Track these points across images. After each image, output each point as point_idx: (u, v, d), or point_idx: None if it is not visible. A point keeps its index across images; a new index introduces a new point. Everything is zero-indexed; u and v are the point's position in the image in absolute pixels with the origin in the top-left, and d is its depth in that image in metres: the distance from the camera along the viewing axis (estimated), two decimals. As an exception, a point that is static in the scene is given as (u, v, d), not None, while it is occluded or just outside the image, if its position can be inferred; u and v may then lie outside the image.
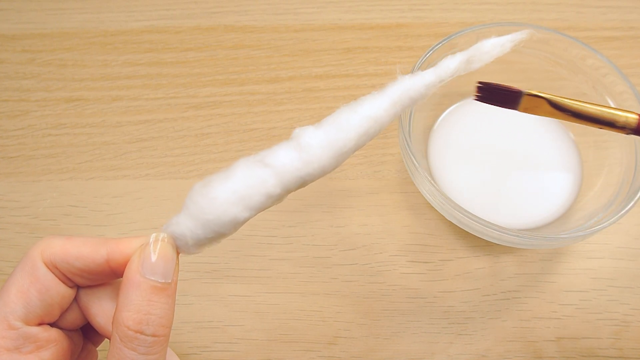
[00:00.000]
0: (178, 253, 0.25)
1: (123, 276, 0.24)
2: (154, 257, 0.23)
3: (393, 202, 0.41)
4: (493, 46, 0.28)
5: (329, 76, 0.48)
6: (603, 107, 0.29)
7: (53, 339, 0.25)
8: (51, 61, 0.49)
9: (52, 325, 0.25)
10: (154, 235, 0.24)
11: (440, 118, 0.43)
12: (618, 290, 0.38)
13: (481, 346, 0.36)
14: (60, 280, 0.25)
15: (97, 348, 0.29)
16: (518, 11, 0.52)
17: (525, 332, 0.37)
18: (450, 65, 0.28)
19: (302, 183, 0.25)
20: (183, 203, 0.25)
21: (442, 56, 0.31)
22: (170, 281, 0.24)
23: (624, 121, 0.28)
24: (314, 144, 0.25)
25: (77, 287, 0.26)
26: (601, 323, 0.37)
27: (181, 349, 0.36)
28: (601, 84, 0.40)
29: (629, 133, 0.28)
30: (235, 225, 0.25)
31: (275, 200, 0.25)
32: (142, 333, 0.23)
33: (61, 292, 0.25)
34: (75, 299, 0.26)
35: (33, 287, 0.24)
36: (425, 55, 0.38)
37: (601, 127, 0.29)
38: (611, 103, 0.40)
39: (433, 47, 0.38)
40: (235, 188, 0.24)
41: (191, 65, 0.49)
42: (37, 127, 0.46)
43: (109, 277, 0.25)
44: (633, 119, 0.28)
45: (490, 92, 0.31)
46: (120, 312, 0.23)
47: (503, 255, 0.39)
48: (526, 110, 0.31)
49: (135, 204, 0.42)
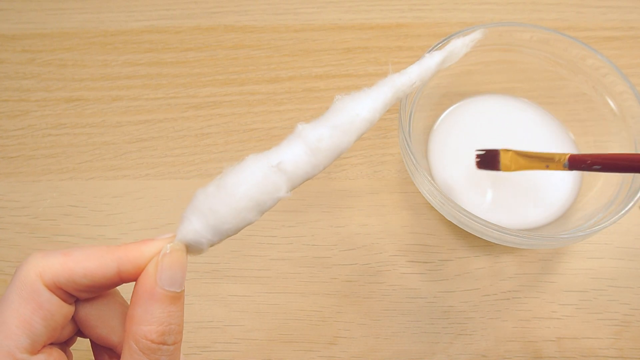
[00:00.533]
0: None
1: (137, 288, 0.23)
2: (171, 268, 0.23)
3: (393, 202, 0.41)
4: (462, 45, 0.30)
5: (329, 76, 0.48)
6: (541, 154, 0.35)
7: None
8: (51, 61, 0.49)
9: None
10: (170, 245, 0.24)
11: (440, 118, 0.43)
12: (618, 290, 0.38)
13: (481, 346, 0.36)
14: (62, 300, 0.24)
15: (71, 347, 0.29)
16: (518, 11, 0.52)
17: (525, 332, 0.37)
18: (431, 64, 0.29)
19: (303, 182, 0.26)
20: (194, 206, 0.24)
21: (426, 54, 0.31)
22: (183, 288, 0.24)
23: (559, 157, 0.33)
24: (323, 148, 0.25)
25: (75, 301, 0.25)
26: (601, 323, 0.37)
27: (181, 349, 0.36)
28: (601, 84, 0.40)
29: (565, 167, 0.33)
30: (244, 227, 0.25)
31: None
32: (165, 344, 0.23)
33: (64, 313, 0.24)
34: None
35: (36, 315, 0.23)
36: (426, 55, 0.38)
37: (548, 167, 0.34)
38: (611, 103, 0.40)
39: (433, 47, 0.38)
40: (252, 195, 0.24)
41: (191, 65, 0.49)
42: (37, 127, 0.46)
43: (115, 286, 0.25)
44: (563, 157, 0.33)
45: (485, 157, 0.36)
46: (139, 326, 0.23)
47: (503, 255, 0.39)
48: (505, 167, 0.36)
49: (135, 204, 0.42)
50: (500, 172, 0.37)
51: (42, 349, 0.23)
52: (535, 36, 0.41)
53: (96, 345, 0.27)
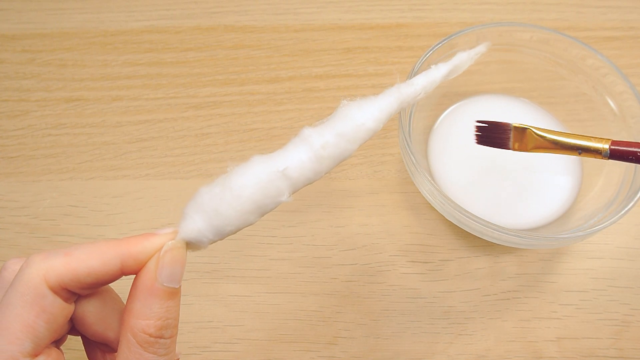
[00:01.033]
0: None
1: (136, 283, 0.24)
2: (172, 265, 0.24)
3: (393, 202, 0.41)
4: (467, 59, 0.31)
5: (329, 76, 0.48)
6: (576, 139, 0.30)
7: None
8: (51, 61, 0.49)
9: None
10: (172, 243, 0.24)
11: (440, 118, 0.43)
12: (618, 290, 0.38)
13: (481, 346, 0.36)
14: (64, 300, 0.24)
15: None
16: (518, 11, 0.52)
17: (525, 332, 0.37)
18: (437, 76, 0.30)
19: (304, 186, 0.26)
20: (198, 204, 0.25)
21: (442, 57, 0.31)
22: (180, 284, 0.24)
23: (595, 148, 0.30)
24: (327, 155, 0.26)
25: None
26: (601, 323, 0.37)
27: (181, 349, 0.36)
28: (601, 84, 0.40)
29: (605, 156, 0.29)
30: (244, 228, 0.25)
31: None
32: (163, 337, 0.23)
33: (65, 314, 0.24)
34: None
35: (40, 319, 0.23)
36: (425, 55, 0.38)
37: (580, 154, 0.30)
38: (611, 103, 0.40)
39: (433, 47, 0.38)
40: (256, 198, 0.25)
41: (191, 65, 0.49)
42: (37, 127, 0.46)
43: (116, 279, 0.25)
44: (603, 147, 0.29)
45: (486, 131, 0.33)
46: (138, 320, 0.23)
47: (503, 255, 0.39)
48: (519, 147, 0.32)
49: (135, 204, 0.42)
50: (500, 172, 0.37)
51: (45, 351, 0.24)
52: (535, 36, 0.41)
53: (89, 342, 0.27)
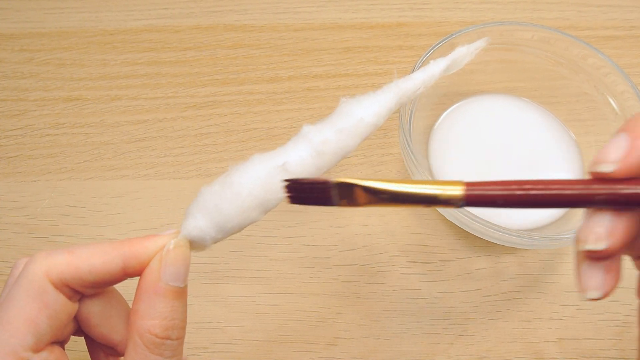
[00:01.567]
0: None
1: (141, 283, 0.24)
2: (175, 264, 0.24)
3: (393, 202, 0.41)
4: (466, 53, 0.31)
5: (329, 76, 0.48)
6: (421, 186, 0.23)
7: (57, 358, 0.24)
8: (49, 60, 0.49)
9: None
10: (174, 241, 0.24)
11: (440, 118, 0.43)
12: (619, 290, 0.38)
13: (482, 347, 0.36)
14: (67, 297, 0.24)
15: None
16: (519, 10, 0.52)
17: (526, 333, 0.37)
18: (435, 71, 0.30)
19: None
20: (199, 203, 0.25)
21: (440, 56, 0.31)
22: (186, 283, 0.24)
23: (447, 196, 0.22)
24: (328, 151, 0.26)
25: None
26: (603, 324, 0.37)
27: (180, 350, 0.36)
28: (602, 84, 0.40)
29: (460, 206, 0.23)
30: (247, 226, 0.25)
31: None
32: (169, 338, 0.23)
33: (68, 311, 0.24)
34: None
35: (42, 314, 0.23)
36: (425, 54, 0.38)
37: (428, 206, 0.23)
38: (612, 103, 0.39)
39: (434, 47, 0.38)
40: (257, 194, 0.24)
41: (190, 64, 0.49)
42: (36, 127, 0.46)
43: (120, 281, 0.25)
44: (456, 194, 0.22)
45: (300, 190, 0.25)
46: (144, 320, 0.23)
47: (504, 255, 0.39)
48: (346, 203, 0.24)
49: (134, 204, 0.42)
50: (500, 171, 0.36)
51: (44, 347, 0.24)
52: (536, 35, 0.41)
53: (92, 343, 0.27)
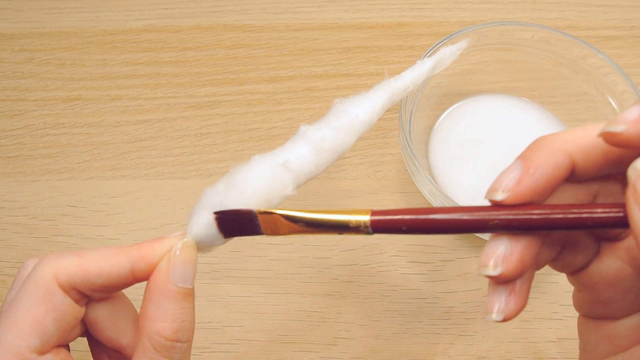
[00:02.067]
0: None
1: (149, 285, 0.24)
2: (183, 265, 0.24)
3: (393, 202, 0.41)
4: (450, 53, 0.31)
5: (329, 76, 0.48)
6: (334, 214, 0.24)
7: None
8: (50, 60, 0.49)
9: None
10: (182, 243, 0.24)
11: (440, 118, 0.43)
12: (619, 290, 0.38)
13: (482, 347, 0.36)
14: (75, 301, 0.24)
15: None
16: (519, 10, 0.52)
17: (526, 333, 0.37)
18: (423, 70, 0.30)
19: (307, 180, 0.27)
20: (203, 202, 0.25)
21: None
22: (194, 285, 0.24)
23: (356, 222, 0.24)
24: (326, 148, 0.26)
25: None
26: (602, 324, 0.37)
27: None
28: (602, 84, 0.40)
29: (369, 233, 0.24)
30: None
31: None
32: (179, 341, 0.23)
33: (75, 314, 0.24)
34: None
35: (49, 316, 0.23)
36: (425, 54, 0.38)
37: (341, 233, 0.25)
38: (613, 103, 0.39)
39: (434, 47, 0.38)
40: (261, 192, 0.25)
41: (190, 64, 0.49)
42: (36, 127, 0.46)
43: (128, 286, 0.25)
44: (363, 221, 0.24)
45: (229, 221, 0.25)
46: (153, 323, 0.23)
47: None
48: (271, 232, 0.25)
49: (134, 204, 0.42)
50: (500, 171, 0.36)
51: (50, 349, 0.24)
52: (536, 35, 0.41)
53: (96, 346, 0.27)
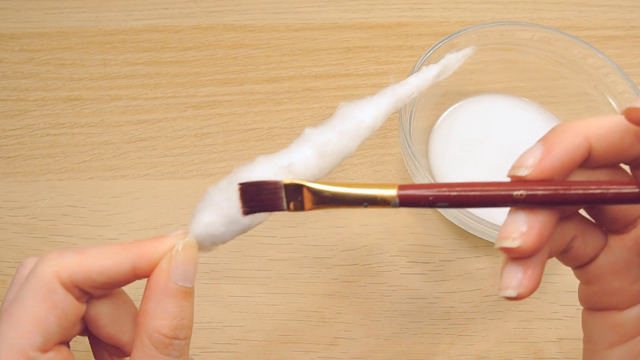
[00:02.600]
0: None
1: (150, 283, 0.24)
2: (185, 264, 0.24)
3: (393, 202, 0.41)
4: (455, 60, 0.31)
5: (329, 76, 0.48)
6: (361, 188, 0.24)
7: (64, 358, 0.24)
8: (49, 60, 0.49)
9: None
10: (184, 242, 0.24)
11: (440, 118, 0.43)
12: (619, 290, 0.38)
13: (482, 347, 0.36)
14: (76, 298, 0.24)
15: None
16: (519, 10, 0.52)
17: (526, 333, 0.37)
18: (428, 77, 0.30)
19: None
20: (206, 200, 0.25)
21: (443, 56, 0.31)
22: (194, 284, 0.24)
23: (383, 196, 0.24)
24: (330, 152, 0.26)
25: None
26: (603, 324, 0.37)
27: (180, 350, 0.36)
28: (602, 84, 0.40)
29: (395, 204, 0.24)
30: (255, 226, 0.25)
31: None
32: (177, 338, 0.23)
33: (77, 312, 0.24)
34: None
35: (51, 314, 0.23)
36: (425, 54, 0.38)
37: (366, 207, 0.24)
38: (613, 103, 0.39)
39: (434, 47, 0.38)
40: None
41: (190, 64, 0.49)
42: (36, 127, 0.46)
43: (129, 282, 0.25)
44: (391, 195, 0.24)
45: (252, 193, 0.25)
46: (153, 320, 0.23)
47: (504, 255, 0.39)
48: (294, 207, 0.26)
49: (134, 204, 0.42)
50: (500, 171, 0.36)
51: (52, 347, 0.24)
52: (536, 35, 0.41)
53: (96, 343, 0.27)
